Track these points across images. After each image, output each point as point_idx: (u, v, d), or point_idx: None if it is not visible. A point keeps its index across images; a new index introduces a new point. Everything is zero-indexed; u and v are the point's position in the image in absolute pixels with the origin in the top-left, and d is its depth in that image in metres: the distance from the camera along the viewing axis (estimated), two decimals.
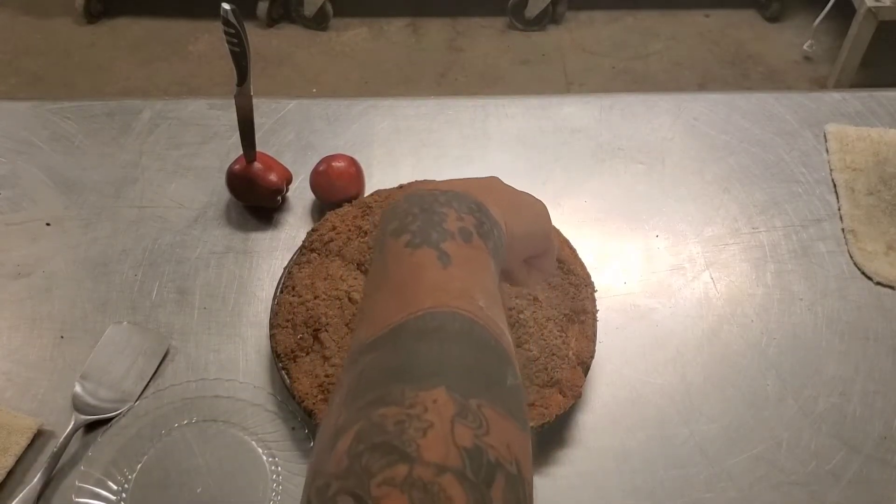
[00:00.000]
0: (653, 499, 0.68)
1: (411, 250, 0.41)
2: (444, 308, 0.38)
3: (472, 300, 0.39)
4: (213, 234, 0.86)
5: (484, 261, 0.42)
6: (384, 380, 0.35)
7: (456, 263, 0.40)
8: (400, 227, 0.42)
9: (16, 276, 0.82)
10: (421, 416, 0.33)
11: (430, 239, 0.41)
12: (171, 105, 0.99)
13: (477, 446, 0.33)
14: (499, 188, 0.51)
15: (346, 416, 0.35)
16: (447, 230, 0.42)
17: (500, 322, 0.40)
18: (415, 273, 0.40)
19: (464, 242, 0.42)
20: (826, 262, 0.84)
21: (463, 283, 0.40)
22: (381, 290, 0.41)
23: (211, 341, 0.77)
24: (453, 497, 0.31)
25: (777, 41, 2.57)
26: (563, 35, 2.59)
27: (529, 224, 0.51)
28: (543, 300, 0.75)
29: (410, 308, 0.38)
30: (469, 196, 0.45)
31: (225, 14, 0.71)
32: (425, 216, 0.42)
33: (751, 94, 1.02)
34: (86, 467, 0.67)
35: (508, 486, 0.33)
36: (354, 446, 0.33)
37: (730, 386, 0.74)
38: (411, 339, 0.37)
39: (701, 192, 0.91)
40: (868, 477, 0.69)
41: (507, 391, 0.37)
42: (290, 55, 2.49)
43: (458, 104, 1.00)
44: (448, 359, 0.36)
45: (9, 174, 0.91)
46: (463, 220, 0.43)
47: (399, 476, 0.31)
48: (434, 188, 0.45)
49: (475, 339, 0.38)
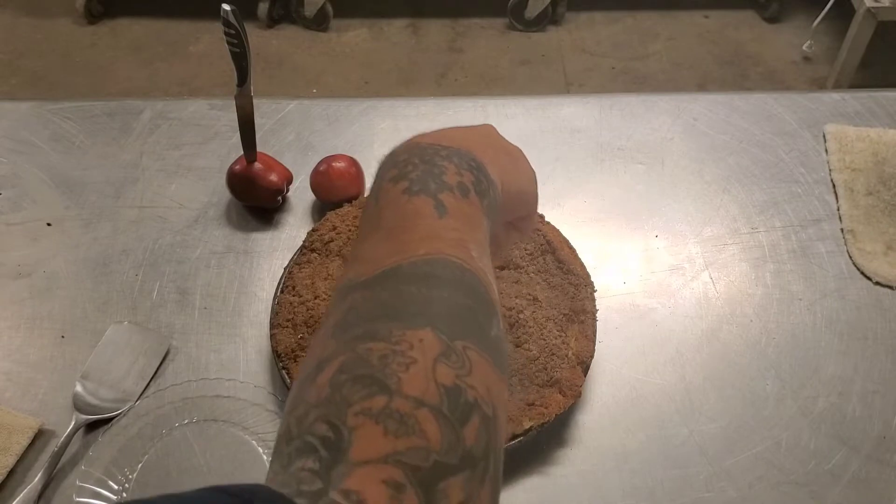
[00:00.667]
0: (653, 499, 0.68)
1: (408, 197, 0.41)
2: (437, 255, 0.38)
3: (466, 249, 0.40)
4: (214, 234, 0.86)
5: (478, 218, 0.43)
6: (373, 316, 0.36)
7: (451, 215, 0.41)
8: (399, 175, 0.42)
9: (16, 276, 0.82)
10: (406, 353, 0.34)
11: (427, 188, 0.41)
12: (171, 105, 0.99)
13: (457, 385, 0.34)
14: (496, 144, 0.51)
15: (332, 349, 0.35)
16: (446, 182, 0.42)
17: (490, 274, 0.41)
18: (410, 219, 0.40)
19: (461, 197, 0.42)
20: (825, 263, 0.84)
21: (458, 234, 0.40)
22: (376, 232, 0.41)
23: (211, 341, 0.77)
24: (427, 431, 0.32)
25: (776, 42, 2.57)
26: (562, 36, 2.59)
27: (522, 185, 0.51)
28: (543, 300, 0.75)
29: (404, 253, 0.38)
30: (469, 153, 0.45)
31: (225, 15, 0.71)
32: (425, 167, 0.43)
33: (750, 94, 1.02)
34: (86, 467, 0.67)
35: (482, 426, 0.34)
36: (337, 376, 0.34)
37: (729, 386, 0.75)
38: (403, 281, 0.37)
39: (700, 192, 0.91)
40: (867, 477, 0.69)
41: (492, 340, 0.38)
42: (291, 56, 2.49)
43: (458, 104, 1.00)
44: (438, 301, 0.37)
45: (9, 174, 0.91)
46: (462, 175, 0.43)
47: (377, 407, 0.32)
48: (435, 142, 0.45)
49: (466, 285, 0.38)
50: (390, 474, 0.30)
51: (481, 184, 0.44)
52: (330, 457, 0.31)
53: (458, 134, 0.48)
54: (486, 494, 0.33)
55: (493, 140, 0.51)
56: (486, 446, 0.34)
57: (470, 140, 0.47)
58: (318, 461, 0.31)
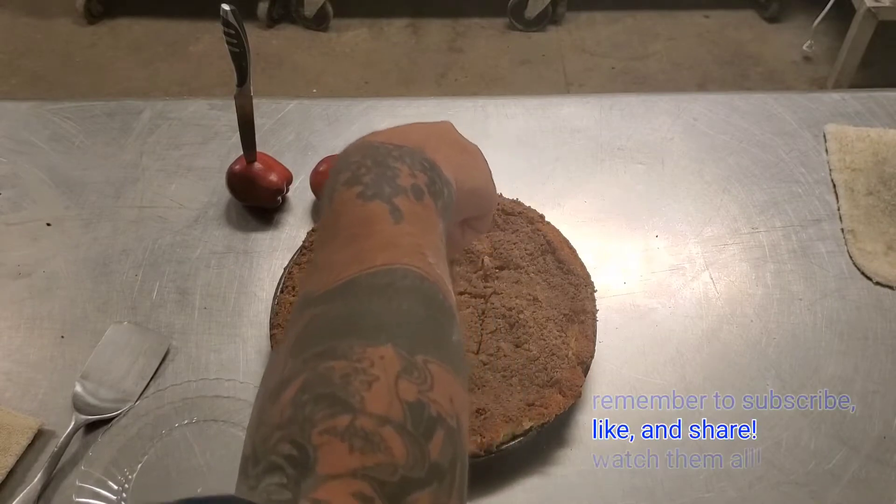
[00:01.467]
0: (653, 499, 0.68)
1: (363, 202, 0.40)
2: (395, 264, 0.38)
3: (422, 256, 0.39)
4: (214, 234, 0.86)
5: (433, 220, 0.42)
6: (333, 333, 0.36)
7: (407, 219, 0.40)
8: (352, 178, 0.42)
9: (16, 276, 0.82)
10: (367, 371, 0.34)
11: (382, 192, 0.41)
12: (171, 105, 0.99)
13: (420, 401, 0.34)
14: (450, 141, 0.50)
15: (292, 367, 0.35)
16: (400, 186, 0.41)
17: (447, 280, 0.41)
18: (366, 226, 0.40)
19: (415, 200, 0.41)
20: (825, 262, 0.84)
21: (414, 240, 0.40)
22: (333, 240, 0.40)
23: (211, 341, 0.77)
24: (392, 447, 0.32)
25: (776, 41, 2.57)
26: (562, 35, 2.59)
27: (478, 184, 0.50)
28: (543, 300, 0.75)
29: (363, 263, 0.38)
30: (422, 153, 0.44)
31: (225, 15, 0.71)
32: (378, 170, 0.42)
33: (750, 94, 1.02)
34: (86, 467, 0.67)
35: (447, 439, 0.34)
36: (299, 396, 0.33)
37: (729, 386, 0.75)
38: (362, 294, 0.37)
39: (700, 192, 0.91)
40: (867, 477, 0.69)
41: (452, 347, 0.38)
42: (291, 56, 2.49)
43: (458, 104, 1.00)
44: (397, 315, 0.36)
45: (9, 174, 0.91)
46: (415, 177, 0.42)
47: (341, 425, 0.32)
48: (387, 141, 0.44)
49: (424, 295, 0.38)
50: (359, 488, 0.31)
51: (435, 184, 0.43)
52: (297, 473, 0.31)
53: (412, 132, 0.47)
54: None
55: (449, 138, 0.50)
56: (452, 458, 0.34)
57: (423, 138, 0.47)
58: (286, 477, 0.31)
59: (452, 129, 0.52)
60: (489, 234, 0.79)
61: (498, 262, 0.78)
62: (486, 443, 0.66)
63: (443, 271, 0.40)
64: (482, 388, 0.69)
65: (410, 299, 0.37)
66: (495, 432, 0.66)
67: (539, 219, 0.81)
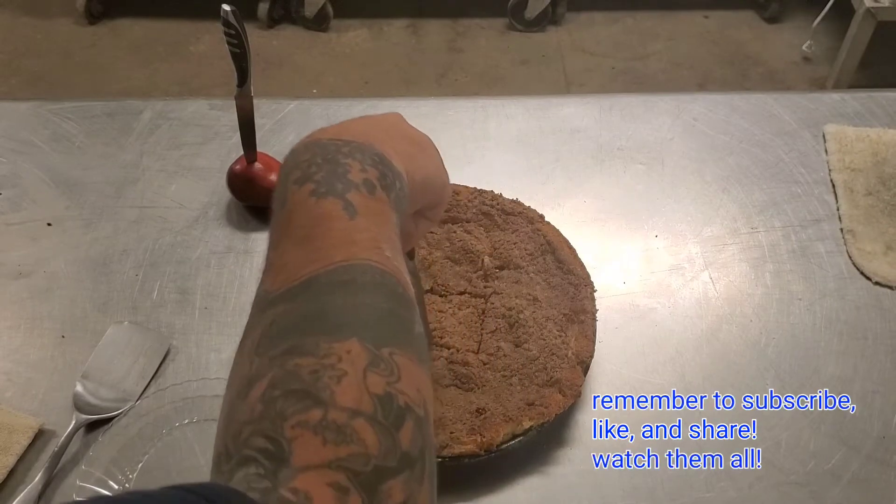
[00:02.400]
0: (653, 499, 0.68)
1: (316, 199, 0.40)
2: (354, 260, 0.38)
3: (380, 251, 0.39)
4: (214, 234, 0.86)
5: (387, 214, 0.42)
6: (297, 331, 0.36)
7: (361, 214, 0.40)
8: (303, 177, 0.41)
9: (16, 276, 0.82)
10: (335, 366, 0.34)
11: (334, 189, 0.40)
12: (171, 105, 0.99)
13: (388, 393, 0.35)
14: (399, 133, 0.50)
15: (259, 365, 0.36)
16: (351, 181, 0.41)
17: (405, 272, 0.41)
18: (322, 223, 0.39)
19: (368, 195, 0.41)
20: (825, 263, 0.84)
21: (370, 234, 0.40)
22: (287, 239, 0.40)
23: (212, 341, 0.77)
24: (365, 439, 0.33)
25: (776, 42, 2.57)
26: (562, 36, 2.59)
27: (429, 173, 0.50)
28: (543, 300, 0.75)
29: (320, 261, 0.38)
30: (372, 147, 0.44)
31: (225, 15, 0.71)
32: (329, 167, 0.41)
33: (750, 94, 1.02)
34: (87, 467, 0.67)
35: (416, 427, 0.35)
36: (269, 392, 0.34)
37: (729, 386, 0.75)
38: (323, 290, 0.37)
39: (700, 192, 0.91)
40: (867, 476, 0.69)
41: (416, 337, 0.38)
42: (291, 56, 2.49)
43: (458, 105, 1.00)
44: (361, 309, 0.37)
45: (9, 174, 0.91)
46: (366, 171, 0.42)
47: (313, 419, 0.33)
48: (335, 137, 0.44)
49: (385, 288, 0.38)
50: (334, 478, 0.31)
51: (386, 178, 0.43)
52: (272, 465, 0.32)
53: (360, 126, 0.47)
54: (426, 491, 0.35)
55: (398, 130, 0.50)
56: (422, 447, 0.35)
57: (371, 132, 0.46)
58: (262, 468, 0.32)
59: (401, 120, 0.52)
60: (489, 234, 0.80)
61: (498, 262, 0.78)
62: (486, 442, 0.66)
63: (399, 263, 0.41)
64: (482, 387, 0.69)
65: (372, 294, 0.38)
66: (495, 432, 0.66)
67: (539, 219, 0.81)
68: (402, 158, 0.46)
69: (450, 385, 0.70)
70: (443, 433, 0.66)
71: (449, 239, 0.79)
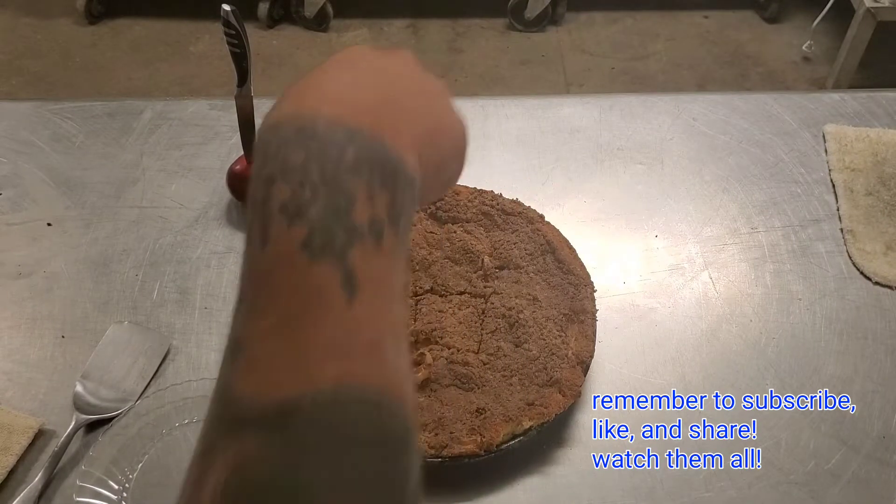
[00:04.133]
0: (652, 498, 0.68)
1: (308, 260, 0.31)
2: (348, 382, 0.31)
3: (380, 357, 0.32)
4: (214, 234, 0.86)
5: (394, 270, 0.34)
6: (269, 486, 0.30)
7: (363, 290, 0.32)
8: (292, 206, 0.32)
9: (17, 276, 0.82)
10: None
11: (333, 244, 0.31)
12: (171, 105, 0.99)
13: None
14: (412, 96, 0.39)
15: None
16: (355, 226, 0.32)
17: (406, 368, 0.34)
18: (312, 306, 0.31)
19: (374, 246, 0.32)
20: (825, 263, 0.84)
21: (371, 331, 0.32)
22: (266, 316, 0.32)
23: (212, 341, 0.77)
24: None
25: (776, 42, 2.57)
26: (562, 36, 2.59)
27: (444, 153, 0.41)
28: (543, 300, 0.75)
29: (307, 376, 0.31)
30: (381, 145, 0.34)
31: (225, 15, 0.72)
32: (328, 194, 0.32)
33: (750, 94, 1.02)
34: (87, 467, 0.67)
35: None
36: None
37: (729, 386, 0.75)
38: (306, 430, 0.30)
39: (700, 192, 0.91)
40: (867, 476, 0.69)
41: (407, 496, 0.32)
42: (291, 56, 2.50)
43: (457, 105, 1.00)
44: (347, 469, 0.30)
45: (10, 174, 0.91)
46: (374, 199, 0.33)
47: None
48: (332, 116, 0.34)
49: (382, 432, 0.32)
50: None
51: (396, 204, 0.34)
52: None
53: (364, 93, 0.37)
54: None
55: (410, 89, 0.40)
56: None
57: (382, 108, 0.36)
58: None
59: (412, 66, 0.41)
60: (489, 234, 0.80)
61: (498, 261, 0.78)
62: (486, 442, 0.66)
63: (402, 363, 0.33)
64: (482, 387, 0.69)
65: (365, 452, 0.31)
66: (495, 432, 0.66)
67: (539, 219, 0.81)
68: (417, 141, 0.36)
69: (450, 385, 0.70)
70: (443, 433, 0.66)
71: (449, 239, 0.79)
